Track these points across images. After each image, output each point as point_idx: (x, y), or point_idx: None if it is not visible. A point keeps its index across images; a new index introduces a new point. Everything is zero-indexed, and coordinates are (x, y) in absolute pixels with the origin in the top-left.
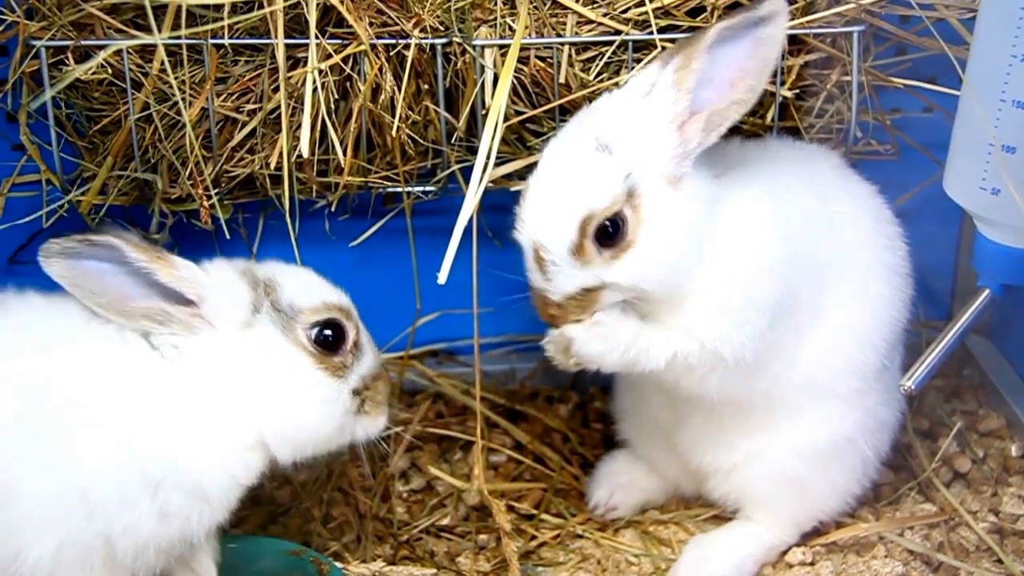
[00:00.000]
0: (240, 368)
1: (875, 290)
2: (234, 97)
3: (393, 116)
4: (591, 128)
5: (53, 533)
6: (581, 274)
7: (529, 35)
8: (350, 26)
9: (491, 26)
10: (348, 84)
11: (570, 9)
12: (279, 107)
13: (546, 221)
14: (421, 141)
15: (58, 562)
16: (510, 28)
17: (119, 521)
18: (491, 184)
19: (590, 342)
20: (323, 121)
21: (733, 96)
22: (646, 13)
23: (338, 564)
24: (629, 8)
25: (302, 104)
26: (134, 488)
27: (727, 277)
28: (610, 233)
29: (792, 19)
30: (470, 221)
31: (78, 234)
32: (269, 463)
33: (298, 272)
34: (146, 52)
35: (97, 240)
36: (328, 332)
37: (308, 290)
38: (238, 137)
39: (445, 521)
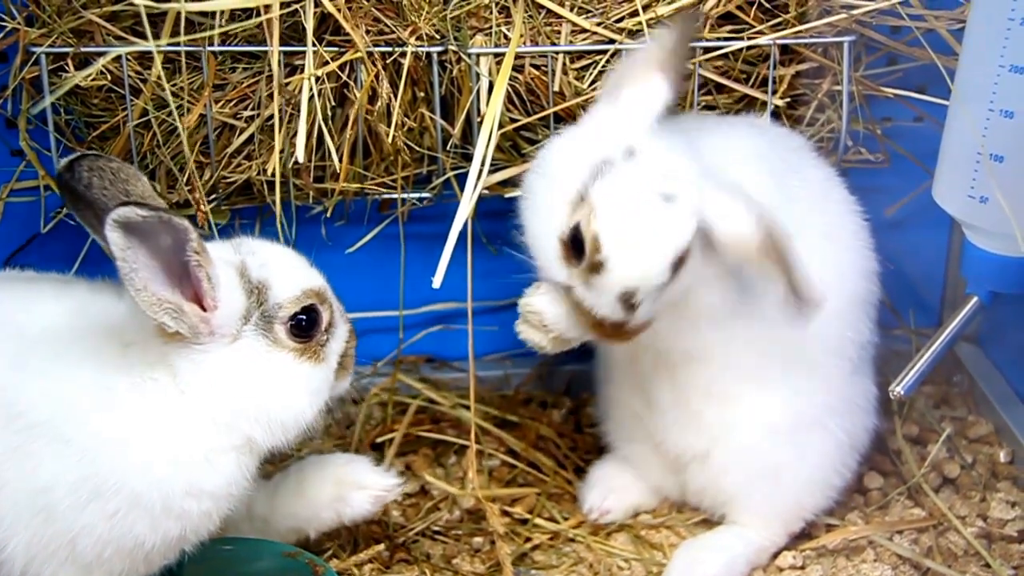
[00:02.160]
0: (221, 382)
1: (827, 260)
2: (232, 104)
3: (389, 123)
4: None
5: (24, 529)
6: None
7: (524, 44)
8: (347, 34)
9: (486, 35)
10: (345, 91)
11: (564, 18)
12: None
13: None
14: (417, 148)
15: (30, 555)
16: (505, 37)
17: (77, 522)
18: (486, 191)
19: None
20: (320, 128)
21: None
22: (640, 23)
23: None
24: (623, 18)
25: (299, 111)
26: (86, 493)
27: None
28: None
29: (784, 29)
30: (465, 227)
31: (151, 208)
32: (252, 463)
33: (283, 261)
34: (145, 59)
35: (171, 220)
36: (303, 318)
37: (290, 281)
38: (235, 143)
39: (440, 524)
